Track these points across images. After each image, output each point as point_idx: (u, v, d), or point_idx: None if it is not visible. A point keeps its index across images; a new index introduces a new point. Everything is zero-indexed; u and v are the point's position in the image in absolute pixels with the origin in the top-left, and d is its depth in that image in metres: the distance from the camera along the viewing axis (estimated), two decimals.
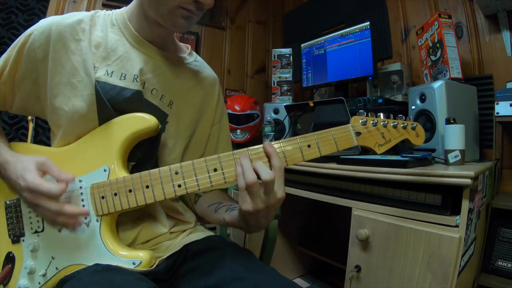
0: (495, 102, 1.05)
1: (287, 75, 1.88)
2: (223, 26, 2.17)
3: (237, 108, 1.81)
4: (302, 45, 1.85)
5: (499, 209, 1.02)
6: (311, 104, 1.32)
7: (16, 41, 0.59)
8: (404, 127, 0.60)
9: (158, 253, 0.61)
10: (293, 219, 1.72)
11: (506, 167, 1.20)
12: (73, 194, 0.56)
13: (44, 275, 0.55)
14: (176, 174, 0.53)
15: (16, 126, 1.46)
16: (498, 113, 1.04)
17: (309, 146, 0.53)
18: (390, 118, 0.59)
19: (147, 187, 0.53)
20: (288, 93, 1.87)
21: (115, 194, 0.54)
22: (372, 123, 0.57)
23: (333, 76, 1.68)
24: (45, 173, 0.54)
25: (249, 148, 0.52)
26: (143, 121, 0.57)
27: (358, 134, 0.56)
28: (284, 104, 1.60)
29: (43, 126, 1.48)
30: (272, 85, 1.90)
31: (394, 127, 0.59)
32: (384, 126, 0.58)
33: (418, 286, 0.81)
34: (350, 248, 0.99)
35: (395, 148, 0.59)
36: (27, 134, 1.42)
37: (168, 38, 0.68)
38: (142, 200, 0.53)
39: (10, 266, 0.57)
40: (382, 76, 1.55)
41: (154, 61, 0.63)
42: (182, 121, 0.67)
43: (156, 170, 0.54)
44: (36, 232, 0.57)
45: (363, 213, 0.96)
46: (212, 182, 0.52)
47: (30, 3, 1.50)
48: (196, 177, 0.53)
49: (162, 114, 0.63)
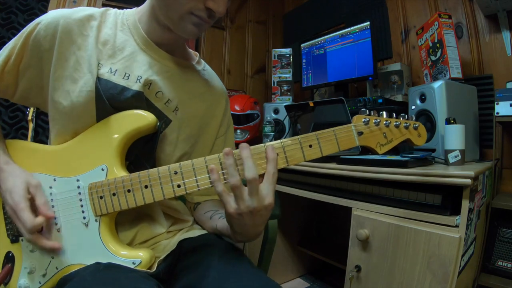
0: (495, 102, 1.05)
1: (287, 75, 1.87)
2: (223, 26, 2.17)
3: (237, 108, 1.81)
4: (302, 45, 1.85)
5: (499, 209, 1.02)
6: (311, 104, 1.32)
7: (23, 29, 0.59)
8: (406, 127, 0.58)
9: (156, 253, 0.60)
10: (293, 219, 1.71)
11: (506, 167, 1.20)
12: (70, 195, 0.56)
13: (44, 275, 0.55)
14: (176, 174, 0.52)
15: (16, 126, 1.46)
16: (498, 113, 1.04)
17: (310, 146, 0.53)
18: (393, 117, 0.58)
19: (146, 187, 0.53)
20: (288, 93, 1.87)
21: (114, 194, 0.54)
22: (375, 123, 0.56)
23: (333, 76, 1.68)
24: (32, 198, 0.53)
25: (253, 147, 0.51)
26: (141, 118, 0.57)
27: (360, 133, 0.55)
28: (284, 104, 1.60)
29: (43, 126, 1.48)
30: (272, 85, 1.90)
31: (396, 126, 0.57)
32: (386, 126, 0.57)
33: (418, 286, 0.80)
34: (350, 248, 0.99)
35: (395, 148, 0.59)
36: (27, 134, 1.42)
37: (178, 43, 0.67)
38: (141, 200, 0.53)
39: (10, 265, 0.57)
40: (382, 76, 1.55)
41: (160, 65, 0.63)
42: (184, 129, 0.66)
43: (155, 169, 0.53)
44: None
45: (363, 213, 0.96)
46: (212, 182, 0.52)
47: (30, 3, 1.50)
48: (195, 177, 0.52)
49: (165, 119, 0.62)
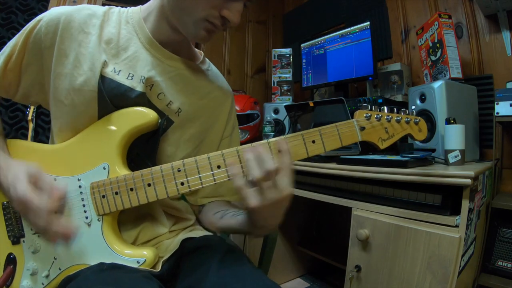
0: (495, 102, 1.05)
1: (287, 75, 1.87)
2: None
3: (237, 108, 1.80)
4: (302, 45, 1.85)
5: (499, 209, 1.02)
6: (311, 104, 1.32)
7: (25, 26, 0.58)
8: (407, 122, 0.59)
9: (159, 253, 0.60)
10: (293, 219, 1.71)
11: (506, 167, 1.20)
12: (72, 194, 0.55)
13: (47, 276, 0.54)
14: (179, 171, 0.52)
15: (16, 126, 1.46)
16: (498, 113, 1.04)
17: (313, 141, 0.52)
18: (394, 113, 0.58)
19: (149, 185, 0.52)
20: (288, 93, 1.87)
21: (116, 193, 0.53)
22: (376, 118, 0.56)
23: (333, 76, 1.68)
24: (36, 184, 0.50)
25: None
26: (142, 115, 0.56)
27: (362, 129, 0.55)
28: (284, 104, 1.60)
29: (43, 126, 1.48)
30: (272, 85, 1.90)
31: (398, 121, 0.58)
32: (388, 121, 0.57)
33: (418, 286, 0.81)
34: (350, 248, 0.99)
35: (395, 148, 0.59)
36: (27, 134, 1.42)
37: (184, 43, 0.66)
38: (144, 198, 0.53)
39: (11, 267, 0.57)
40: (382, 76, 1.55)
41: (164, 65, 0.62)
42: (187, 130, 0.65)
43: (158, 167, 0.52)
44: (36, 232, 0.57)
45: (363, 213, 0.96)
46: (216, 179, 0.51)
47: (30, 3, 1.50)
48: (199, 174, 0.51)
49: (167, 120, 0.62)
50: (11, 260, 0.57)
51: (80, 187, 0.55)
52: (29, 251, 0.57)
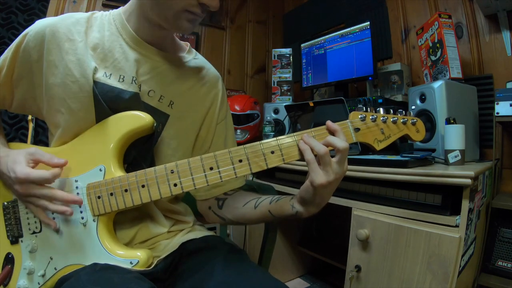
0: (495, 102, 1.05)
1: (287, 75, 1.87)
2: (223, 26, 2.17)
3: (237, 108, 1.81)
4: (302, 45, 1.85)
5: (499, 209, 1.01)
6: (311, 104, 1.32)
7: (13, 42, 0.59)
8: (404, 123, 0.58)
9: (155, 252, 0.61)
10: None
11: (506, 167, 1.20)
12: None
13: (43, 276, 0.55)
14: (172, 173, 0.52)
15: (16, 126, 1.46)
16: (498, 113, 1.04)
17: None
18: (390, 113, 0.58)
19: (143, 186, 0.53)
20: (288, 93, 1.87)
21: (111, 194, 0.54)
22: (371, 119, 0.55)
23: (333, 76, 1.68)
24: (36, 163, 0.54)
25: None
26: (138, 119, 0.57)
27: (357, 130, 0.55)
28: (284, 104, 1.60)
29: (43, 126, 1.48)
30: (272, 85, 1.90)
31: (394, 122, 0.57)
32: (384, 122, 0.56)
33: (418, 286, 0.80)
34: (350, 248, 0.99)
35: (395, 148, 0.59)
36: (27, 134, 1.42)
37: (168, 38, 0.67)
38: (138, 199, 0.53)
39: (9, 266, 0.57)
40: (382, 76, 1.55)
41: (151, 61, 0.63)
42: (185, 120, 0.66)
43: (152, 169, 0.53)
44: (34, 232, 0.57)
45: (363, 213, 0.96)
46: (208, 181, 0.52)
47: (30, 3, 1.50)
48: (192, 176, 0.52)
49: (162, 115, 0.62)
50: (9, 260, 0.58)
51: (77, 188, 0.56)
52: (26, 250, 0.57)
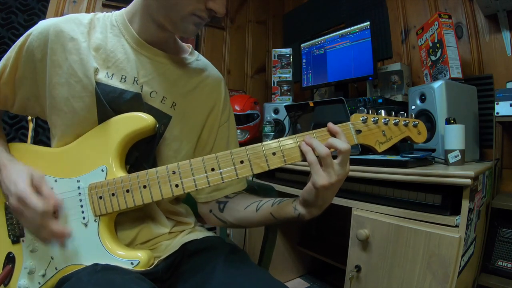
0: (495, 102, 1.05)
1: (287, 75, 1.87)
2: (223, 26, 2.17)
3: (237, 108, 1.81)
4: (302, 45, 1.85)
5: (499, 209, 1.02)
6: (311, 104, 1.32)
7: (16, 42, 0.60)
8: (405, 125, 0.58)
9: (157, 252, 0.61)
10: None
11: (506, 167, 1.20)
12: (71, 195, 0.56)
13: (43, 275, 0.55)
14: (174, 174, 0.52)
15: (16, 126, 1.46)
16: (498, 113, 1.04)
17: None
18: (391, 116, 0.58)
19: (145, 187, 0.53)
20: (288, 93, 1.87)
21: (113, 194, 0.54)
22: (373, 121, 0.56)
23: (333, 76, 1.68)
24: (36, 189, 0.52)
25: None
26: (140, 120, 0.57)
27: (358, 132, 0.55)
28: (284, 104, 1.60)
29: (43, 126, 1.48)
30: (272, 85, 1.90)
31: (395, 124, 0.57)
32: (385, 124, 0.56)
33: (418, 286, 0.80)
34: (350, 248, 0.99)
35: (395, 148, 0.59)
36: (27, 134, 1.42)
37: (170, 39, 0.67)
38: (140, 200, 0.53)
39: (10, 266, 0.57)
40: (382, 76, 1.55)
41: (154, 63, 0.63)
42: (187, 121, 0.66)
43: (154, 169, 0.53)
44: (29, 230, 0.57)
45: (363, 213, 0.96)
46: (209, 182, 0.52)
47: (30, 3, 1.50)
48: (193, 176, 0.52)
49: (164, 117, 0.62)
50: (10, 259, 0.58)
51: (79, 188, 0.56)
52: (27, 250, 0.57)
